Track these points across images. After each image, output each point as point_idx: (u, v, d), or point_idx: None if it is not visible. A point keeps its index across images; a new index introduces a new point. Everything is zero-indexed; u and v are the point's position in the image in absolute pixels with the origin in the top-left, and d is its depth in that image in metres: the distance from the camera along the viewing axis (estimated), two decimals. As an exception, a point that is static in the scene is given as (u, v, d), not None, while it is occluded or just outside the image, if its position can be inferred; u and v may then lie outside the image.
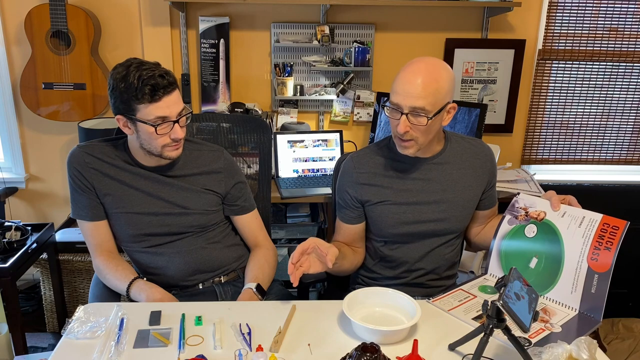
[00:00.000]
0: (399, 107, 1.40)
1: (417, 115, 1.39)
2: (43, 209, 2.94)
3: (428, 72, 1.38)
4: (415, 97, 1.37)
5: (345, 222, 1.62)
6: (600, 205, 2.77)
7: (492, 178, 1.64)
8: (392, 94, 1.42)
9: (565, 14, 2.78)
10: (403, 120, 1.40)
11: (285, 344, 1.21)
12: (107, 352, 1.16)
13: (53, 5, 2.45)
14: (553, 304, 1.36)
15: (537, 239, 1.45)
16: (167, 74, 1.38)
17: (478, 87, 2.84)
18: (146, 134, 1.41)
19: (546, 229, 1.44)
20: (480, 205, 1.64)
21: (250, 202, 1.68)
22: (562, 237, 1.40)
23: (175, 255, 1.56)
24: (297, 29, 2.71)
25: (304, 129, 2.73)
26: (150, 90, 1.34)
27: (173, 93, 1.39)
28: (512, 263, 1.48)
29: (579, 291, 1.32)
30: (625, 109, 2.96)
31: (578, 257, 1.35)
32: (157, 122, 1.38)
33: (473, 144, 1.62)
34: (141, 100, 1.35)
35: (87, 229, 1.54)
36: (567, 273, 1.35)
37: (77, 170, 1.49)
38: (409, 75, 1.39)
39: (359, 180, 1.57)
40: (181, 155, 1.55)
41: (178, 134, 1.42)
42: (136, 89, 1.34)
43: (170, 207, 1.54)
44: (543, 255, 1.42)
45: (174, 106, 1.39)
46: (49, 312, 2.56)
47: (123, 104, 1.38)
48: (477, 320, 1.31)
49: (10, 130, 2.77)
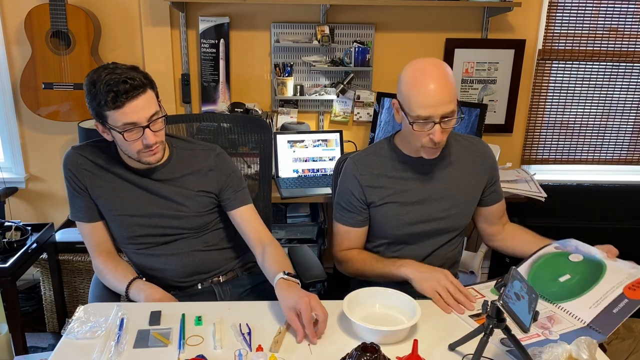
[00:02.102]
0: (430, 118, 1.40)
1: (447, 121, 1.41)
2: (43, 209, 2.94)
3: (440, 74, 1.39)
4: (445, 103, 1.38)
5: (354, 226, 1.61)
6: (601, 205, 2.79)
7: (494, 174, 1.65)
8: (419, 108, 1.39)
9: (565, 14, 2.78)
10: (438, 129, 1.40)
11: (285, 344, 1.21)
12: (107, 352, 1.16)
13: (53, 5, 2.45)
14: (563, 313, 1.32)
15: (579, 264, 1.41)
16: (132, 78, 1.31)
17: (478, 87, 2.84)
18: (119, 141, 1.38)
19: (593, 261, 1.40)
20: (485, 202, 1.65)
21: (246, 195, 1.61)
22: (606, 268, 1.36)
23: (172, 256, 1.56)
24: (297, 29, 2.71)
25: (304, 129, 2.73)
26: (113, 97, 1.29)
27: (139, 97, 1.32)
28: (542, 273, 1.43)
29: (599, 308, 1.28)
30: (625, 109, 2.96)
31: (614, 284, 1.31)
32: (125, 128, 1.33)
33: (472, 142, 1.64)
34: (106, 107, 1.31)
35: (85, 230, 1.54)
36: (595, 293, 1.32)
37: (71, 172, 1.49)
38: (429, 85, 1.38)
39: (362, 182, 1.57)
40: (173, 156, 1.54)
41: (149, 140, 1.35)
42: (100, 96, 1.31)
43: (162, 209, 1.52)
44: (578, 275, 1.38)
45: (141, 111, 1.33)
46: (49, 312, 2.55)
47: (94, 111, 1.36)
48: (474, 318, 1.32)
49: (10, 130, 2.77)
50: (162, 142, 1.44)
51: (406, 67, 1.45)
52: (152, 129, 1.36)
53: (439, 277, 1.40)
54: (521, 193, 2.33)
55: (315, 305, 1.23)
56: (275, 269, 1.40)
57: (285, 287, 1.31)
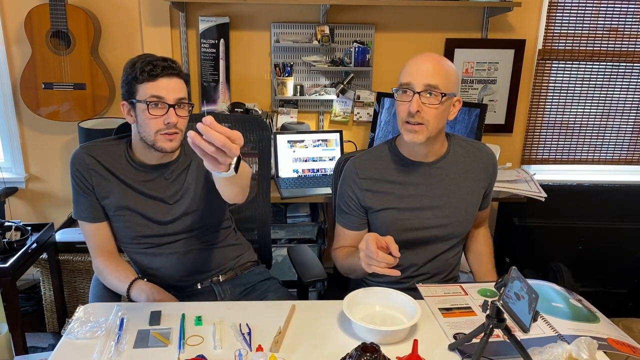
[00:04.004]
0: (410, 86, 1.41)
1: (429, 95, 1.40)
2: (43, 209, 2.94)
3: (437, 58, 1.43)
4: (428, 75, 1.39)
5: (349, 228, 1.61)
6: (601, 205, 2.80)
7: (492, 182, 1.63)
8: (403, 76, 1.43)
9: (565, 14, 2.78)
10: (416, 99, 1.40)
11: (285, 344, 1.21)
12: (107, 352, 1.16)
13: (53, 5, 2.45)
14: (540, 321, 1.26)
15: (575, 305, 1.35)
16: (173, 61, 1.41)
17: (478, 87, 2.84)
18: (141, 117, 1.41)
19: (589, 312, 1.34)
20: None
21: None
22: (599, 320, 1.29)
23: (172, 256, 1.56)
24: (297, 29, 2.71)
25: (304, 129, 2.73)
26: (150, 69, 1.37)
27: (173, 78, 1.40)
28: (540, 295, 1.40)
29: (579, 333, 1.20)
30: (625, 109, 2.96)
31: (604, 330, 1.25)
32: (151, 100, 1.38)
33: (476, 147, 1.61)
34: (140, 79, 1.38)
35: (88, 230, 1.54)
36: (583, 324, 1.26)
37: (78, 171, 1.49)
38: (420, 60, 1.42)
39: (362, 186, 1.56)
40: (181, 155, 1.55)
41: (172, 118, 1.39)
42: (138, 69, 1.38)
43: (168, 208, 1.53)
44: (571, 310, 1.32)
45: (171, 91, 1.39)
46: (49, 312, 2.56)
47: (127, 87, 1.42)
48: (442, 311, 1.33)
49: (10, 130, 2.77)
50: (182, 131, 1.46)
51: None
52: (177, 113, 1.41)
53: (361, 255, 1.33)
54: (521, 193, 2.33)
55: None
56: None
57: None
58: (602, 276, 2.78)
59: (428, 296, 1.41)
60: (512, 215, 2.80)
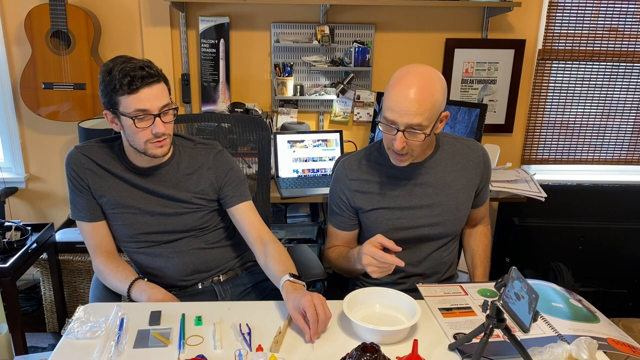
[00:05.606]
0: (394, 124, 1.37)
1: (413, 133, 1.37)
2: (43, 209, 2.94)
3: (422, 86, 1.34)
4: (412, 114, 1.34)
5: (340, 229, 1.62)
6: (601, 205, 2.80)
7: (486, 178, 1.62)
8: (387, 110, 1.38)
9: (565, 14, 2.78)
10: (400, 137, 1.37)
11: (285, 344, 1.21)
12: (107, 352, 1.16)
13: (53, 5, 2.45)
14: (540, 321, 1.27)
15: (575, 306, 1.35)
16: (149, 67, 1.36)
17: (478, 87, 2.84)
18: (128, 129, 1.39)
19: (589, 312, 1.33)
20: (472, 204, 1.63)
21: (245, 191, 1.61)
22: (599, 320, 1.29)
23: (173, 255, 1.56)
24: (297, 29, 2.71)
25: (304, 129, 2.73)
26: (129, 82, 1.32)
27: (154, 86, 1.36)
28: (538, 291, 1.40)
29: (579, 333, 1.21)
30: (625, 109, 2.96)
31: (604, 331, 1.24)
32: (136, 115, 1.36)
33: (465, 144, 1.60)
34: (120, 91, 1.34)
35: (86, 230, 1.53)
36: (583, 325, 1.26)
37: (74, 171, 1.49)
38: (404, 91, 1.34)
39: (351, 187, 1.56)
40: (174, 156, 1.54)
41: (159, 129, 1.37)
42: (116, 81, 1.33)
43: (165, 208, 1.53)
44: (571, 310, 1.32)
45: (154, 100, 1.36)
46: (49, 312, 2.56)
47: (107, 97, 1.38)
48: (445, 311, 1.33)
49: (10, 130, 2.77)
50: (170, 135, 1.45)
51: (401, 67, 1.44)
52: (163, 120, 1.39)
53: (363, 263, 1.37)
54: (521, 193, 2.33)
55: (318, 303, 1.23)
56: (280, 270, 1.40)
57: (291, 290, 1.31)
58: (602, 276, 2.78)
59: (428, 296, 1.41)
60: (512, 215, 2.80)
